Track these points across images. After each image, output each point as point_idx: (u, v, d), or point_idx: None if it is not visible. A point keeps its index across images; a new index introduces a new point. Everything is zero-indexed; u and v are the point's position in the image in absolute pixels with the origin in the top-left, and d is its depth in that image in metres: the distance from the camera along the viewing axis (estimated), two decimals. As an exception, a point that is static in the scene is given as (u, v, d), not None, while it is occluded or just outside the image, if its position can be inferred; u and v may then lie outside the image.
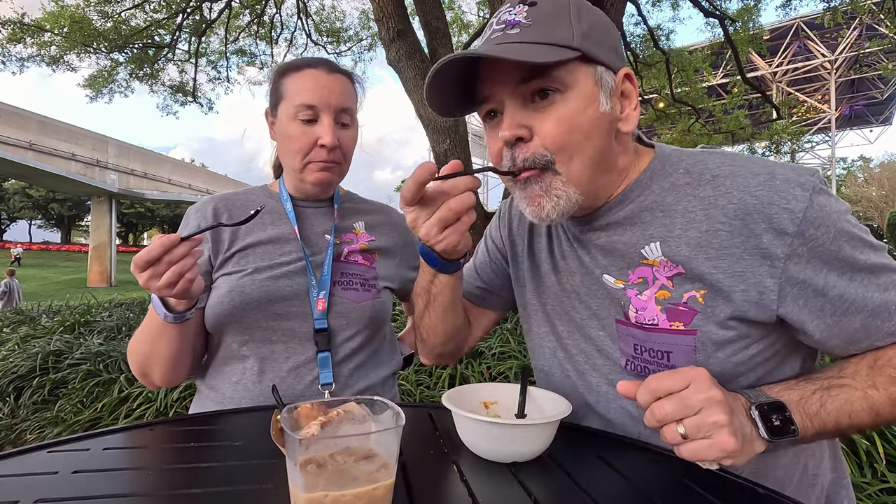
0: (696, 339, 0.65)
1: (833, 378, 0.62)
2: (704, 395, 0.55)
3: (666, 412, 0.56)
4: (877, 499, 1.69)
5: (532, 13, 0.64)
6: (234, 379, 0.94)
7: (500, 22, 0.66)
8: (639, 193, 0.70)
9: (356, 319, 0.98)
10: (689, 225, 0.65)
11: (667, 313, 0.66)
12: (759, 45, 9.70)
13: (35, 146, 21.05)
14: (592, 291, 0.75)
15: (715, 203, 0.64)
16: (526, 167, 0.66)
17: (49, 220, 59.00)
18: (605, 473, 0.61)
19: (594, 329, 0.75)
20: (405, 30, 5.20)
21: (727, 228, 0.63)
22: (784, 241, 0.60)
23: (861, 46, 21.64)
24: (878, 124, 35.00)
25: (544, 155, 0.65)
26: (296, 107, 0.94)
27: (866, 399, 0.60)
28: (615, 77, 0.66)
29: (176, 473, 0.60)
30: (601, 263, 0.74)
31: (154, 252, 0.70)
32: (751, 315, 0.63)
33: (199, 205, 1.03)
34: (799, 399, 0.60)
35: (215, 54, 10.99)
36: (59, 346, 3.87)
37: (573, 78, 0.63)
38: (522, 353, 3.11)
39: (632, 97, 0.68)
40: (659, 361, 0.67)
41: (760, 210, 0.61)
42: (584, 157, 0.65)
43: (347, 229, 1.06)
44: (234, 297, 0.92)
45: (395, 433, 0.47)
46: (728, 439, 0.53)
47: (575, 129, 0.63)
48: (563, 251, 0.80)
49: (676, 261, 0.66)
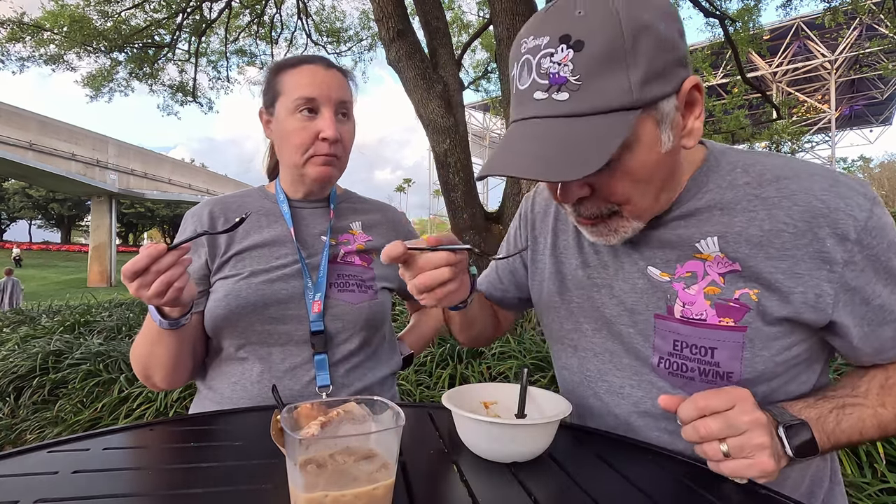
0: (745, 336, 0.64)
1: (847, 397, 0.64)
2: (750, 417, 0.56)
3: (711, 430, 0.57)
4: (877, 499, 1.69)
5: (579, 64, 0.54)
6: (233, 380, 0.94)
7: (542, 74, 0.56)
8: (696, 192, 0.69)
9: (353, 321, 0.98)
10: (750, 223, 0.64)
11: (716, 308, 0.65)
12: (759, 45, 9.68)
13: (35, 146, 21.05)
14: (631, 285, 0.73)
15: (779, 204, 0.63)
16: (591, 218, 0.66)
17: (49, 220, 59.01)
18: (605, 473, 0.61)
19: (624, 326, 0.73)
20: (405, 30, 5.20)
21: (791, 230, 0.62)
22: (845, 248, 0.60)
23: (861, 46, 21.66)
24: (878, 124, 34.99)
25: (610, 206, 0.64)
26: (295, 100, 0.94)
27: (876, 417, 0.63)
28: (677, 97, 0.59)
29: (176, 473, 0.60)
30: (646, 255, 0.72)
31: (141, 262, 0.70)
32: (805, 317, 0.63)
33: (195, 209, 1.03)
34: (818, 417, 0.61)
35: (215, 54, 10.99)
36: (59, 346, 3.87)
37: (633, 136, 0.57)
38: (522, 353, 3.11)
39: (696, 105, 0.61)
40: (701, 358, 0.66)
41: (826, 214, 0.61)
42: (648, 197, 0.64)
43: (344, 230, 1.06)
44: (230, 301, 0.91)
45: (395, 433, 0.47)
46: (768, 461, 0.55)
47: (638, 180, 0.61)
48: (596, 246, 0.78)
49: (734, 257, 0.65)
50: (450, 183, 5.47)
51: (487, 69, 13.38)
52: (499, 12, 5.02)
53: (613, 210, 0.65)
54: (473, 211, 5.49)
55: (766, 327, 0.64)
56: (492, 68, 12.78)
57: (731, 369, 0.65)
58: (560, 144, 0.55)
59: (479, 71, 13.71)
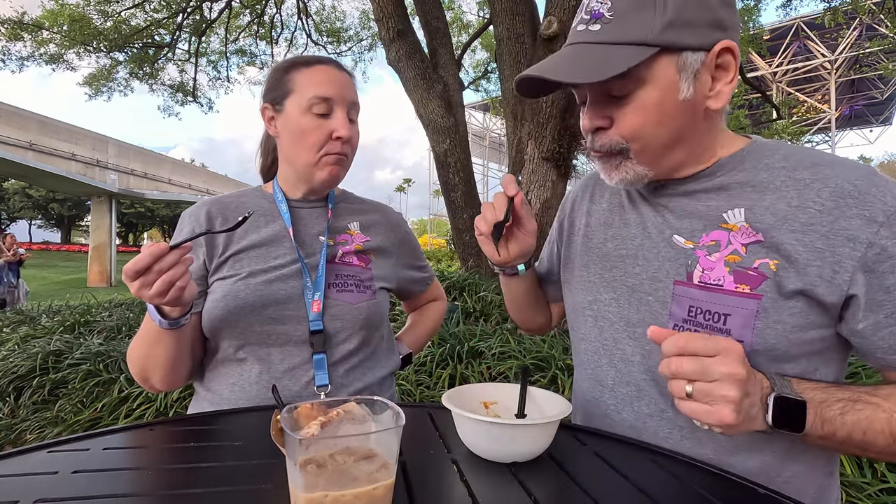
0: (760, 305, 0.64)
1: (865, 394, 0.62)
2: (727, 368, 0.55)
3: (682, 370, 0.57)
4: (877, 499, 1.69)
5: (616, 4, 0.64)
6: (232, 381, 0.94)
7: (587, 10, 0.67)
8: (731, 168, 0.71)
9: (352, 321, 0.98)
10: (780, 199, 0.66)
11: (734, 275, 0.66)
12: (759, 45, 9.70)
13: (35, 146, 21.04)
14: (655, 252, 0.75)
15: (811, 185, 0.65)
16: (602, 151, 0.72)
17: (49, 220, 58.98)
18: (605, 473, 0.61)
19: (644, 294, 0.75)
20: (405, 30, 5.20)
21: (817, 207, 0.63)
22: (871, 229, 0.60)
23: (861, 46, 21.64)
24: (878, 124, 34.98)
25: (620, 143, 0.69)
26: (310, 99, 0.94)
27: (889, 423, 0.59)
28: (707, 55, 0.64)
29: (176, 473, 0.60)
30: (673, 224, 0.74)
31: (143, 262, 0.70)
32: (819, 292, 0.62)
33: (192, 209, 1.02)
34: (822, 401, 0.60)
35: (215, 54, 10.99)
36: (59, 346, 3.86)
37: (650, 73, 0.64)
38: (522, 353, 3.11)
39: (729, 70, 0.66)
40: (713, 325, 0.67)
41: (856, 196, 0.62)
42: (657, 143, 0.68)
43: (342, 230, 1.06)
44: (228, 301, 0.91)
45: (395, 433, 0.47)
46: (729, 414, 0.54)
47: (650, 119, 0.66)
48: (625, 219, 0.82)
49: (758, 228, 0.66)
50: (450, 183, 5.47)
51: (487, 69, 13.38)
52: (499, 12, 5.02)
53: (623, 147, 0.69)
54: (473, 211, 5.50)
55: (781, 299, 0.64)
56: (492, 68, 12.78)
57: (742, 338, 0.64)
58: (584, 61, 0.65)
59: (479, 71, 13.72)
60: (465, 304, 4.52)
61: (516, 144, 5.01)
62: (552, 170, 4.83)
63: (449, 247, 18.48)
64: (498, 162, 34.07)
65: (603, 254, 0.83)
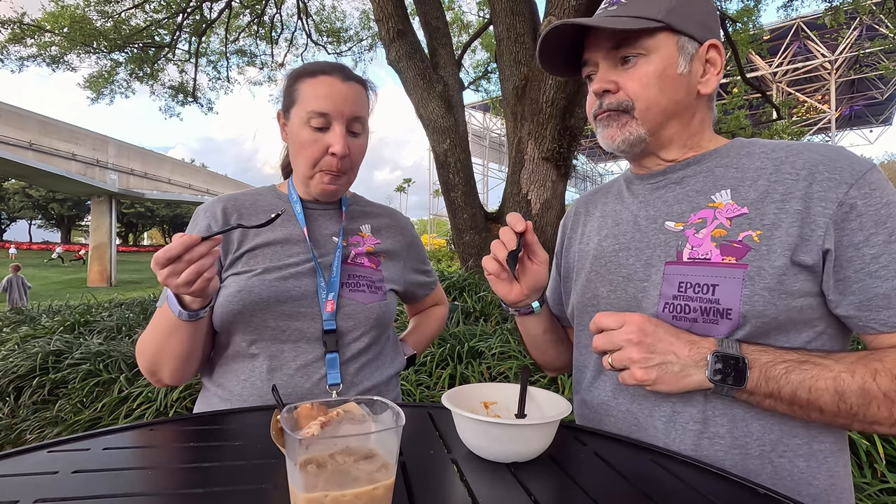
0: (746, 274, 0.68)
1: (815, 357, 0.65)
2: (626, 336, 0.67)
3: (598, 345, 0.71)
4: (877, 499, 1.69)
5: None
6: (244, 377, 0.94)
7: (608, 1, 0.80)
8: (717, 156, 0.79)
9: (364, 321, 0.99)
10: (760, 177, 0.73)
11: (720, 249, 0.71)
12: (760, 45, 9.69)
13: (35, 146, 21.04)
14: (647, 241, 0.80)
15: (786, 160, 0.71)
16: (610, 109, 0.79)
17: (49, 220, 59.00)
18: (605, 473, 0.61)
19: (640, 280, 0.78)
20: (405, 30, 5.20)
21: (793, 177, 0.69)
22: (841, 189, 0.65)
23: (861, 46, 21.62)
24: (878, 124, 34.96)
25: (626, 101, 0.77)
26: (308, 113, 0.94)
27: (835, 381, 0.62)
28: (699, 46, 0.77)
29: (176, 473, 0.60)
30: (663, 212, 0.80)
31: (174, 250, 0.72)
32: (801, 257, 0.66)
33: (207, 205, 1.03)
34: (768, 361, 0.64)
35: (215, 54, 11.00)
36: (59, 346, 3.87)
37: (655, 45, 0.75)
38: (522, 353, 3.11)
39: (716, 65, 0.78)
40: (703, 296, 0.70)
41: (826, 163, 0.68)
42: (658, 106, 0.76)
43: (354, 232, 1.07)
44: (243, 296, 0.92)
45: (395, 433, 0.47)
46: (637, 372, 0.66)
47: (653, 84, 0.75)
48: (616, 219, 0.87)
49: (743, 203, 0.72)
50: (450, 183, 5.47)
51: (487, 69, 13.38)
52: (499, 12, 5.02)
53: (629, 105, 0.77)
54: (473, 211, 5.49)
55: (766, 267, 0.67)
56: (492, 68, 12.77)
57: (731, 306, 0.68)
58: (607, 21, 0.75)
59: (479, 71, 13.72)
60: (465, 304, 4.52)
61: (516, 144, 5.01)
62: (552, 170, 4.84)
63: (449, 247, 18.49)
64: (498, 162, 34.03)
65: (598, 253, 0.87)
